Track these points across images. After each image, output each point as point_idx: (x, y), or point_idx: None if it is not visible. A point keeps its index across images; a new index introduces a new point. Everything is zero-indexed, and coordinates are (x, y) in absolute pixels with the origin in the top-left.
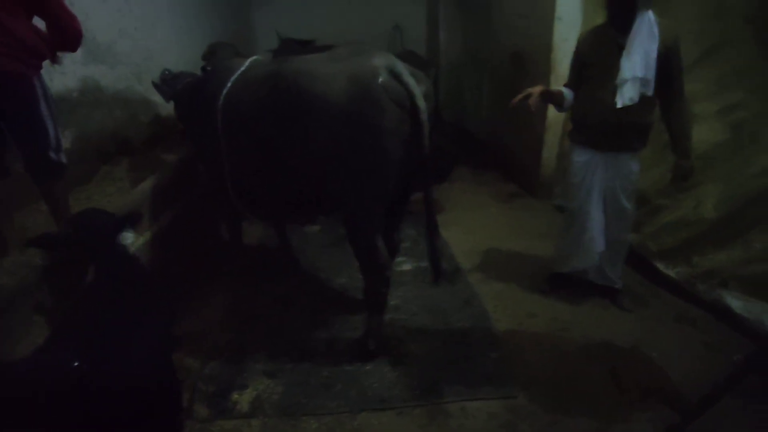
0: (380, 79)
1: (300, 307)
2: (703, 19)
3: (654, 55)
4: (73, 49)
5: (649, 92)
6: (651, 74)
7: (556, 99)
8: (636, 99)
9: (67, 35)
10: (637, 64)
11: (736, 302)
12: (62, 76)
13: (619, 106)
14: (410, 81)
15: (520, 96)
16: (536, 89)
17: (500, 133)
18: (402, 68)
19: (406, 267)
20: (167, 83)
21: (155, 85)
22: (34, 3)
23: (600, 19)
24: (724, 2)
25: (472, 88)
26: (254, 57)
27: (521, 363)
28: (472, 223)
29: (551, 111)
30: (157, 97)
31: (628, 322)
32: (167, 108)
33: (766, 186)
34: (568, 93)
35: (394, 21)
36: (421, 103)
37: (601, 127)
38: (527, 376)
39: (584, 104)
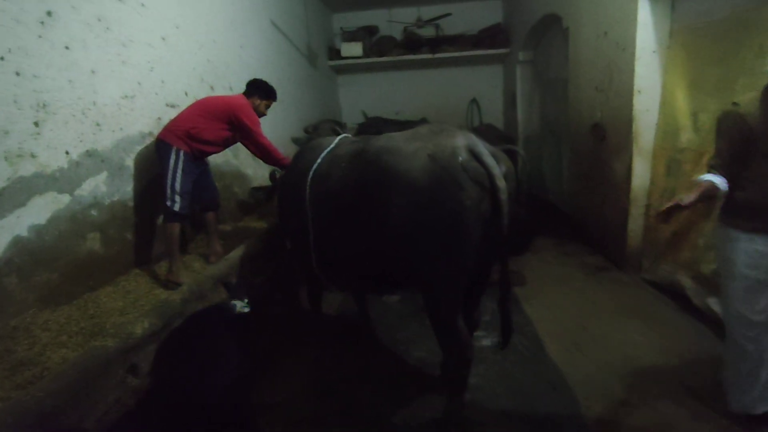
0: (460, 158)
1: (377, 380)
2: None
3: None
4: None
5: None
6: None
7: (708, 194)
8: None
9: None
10: None
11: None
12: None
13: None
14: (490, 161)
15: (667, 207)
16: (681, 201)
17: (582, 205)
18: (482, 148)
19: (486, 342)
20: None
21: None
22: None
23: (679, 89)
24: None
25: (551, 160)
26: (343, 135)
27: None
28: (555, 298)
29: (635, 183)
30: (249, 170)
31: None
32: (258, 180)
33: None
34: (718, 180)
35: (471, 95)
36: (501, 184)
37: None
38: None
39: (759, 184)
